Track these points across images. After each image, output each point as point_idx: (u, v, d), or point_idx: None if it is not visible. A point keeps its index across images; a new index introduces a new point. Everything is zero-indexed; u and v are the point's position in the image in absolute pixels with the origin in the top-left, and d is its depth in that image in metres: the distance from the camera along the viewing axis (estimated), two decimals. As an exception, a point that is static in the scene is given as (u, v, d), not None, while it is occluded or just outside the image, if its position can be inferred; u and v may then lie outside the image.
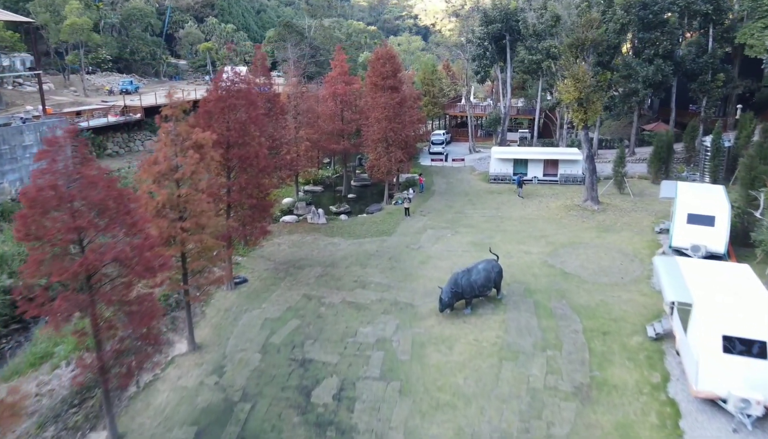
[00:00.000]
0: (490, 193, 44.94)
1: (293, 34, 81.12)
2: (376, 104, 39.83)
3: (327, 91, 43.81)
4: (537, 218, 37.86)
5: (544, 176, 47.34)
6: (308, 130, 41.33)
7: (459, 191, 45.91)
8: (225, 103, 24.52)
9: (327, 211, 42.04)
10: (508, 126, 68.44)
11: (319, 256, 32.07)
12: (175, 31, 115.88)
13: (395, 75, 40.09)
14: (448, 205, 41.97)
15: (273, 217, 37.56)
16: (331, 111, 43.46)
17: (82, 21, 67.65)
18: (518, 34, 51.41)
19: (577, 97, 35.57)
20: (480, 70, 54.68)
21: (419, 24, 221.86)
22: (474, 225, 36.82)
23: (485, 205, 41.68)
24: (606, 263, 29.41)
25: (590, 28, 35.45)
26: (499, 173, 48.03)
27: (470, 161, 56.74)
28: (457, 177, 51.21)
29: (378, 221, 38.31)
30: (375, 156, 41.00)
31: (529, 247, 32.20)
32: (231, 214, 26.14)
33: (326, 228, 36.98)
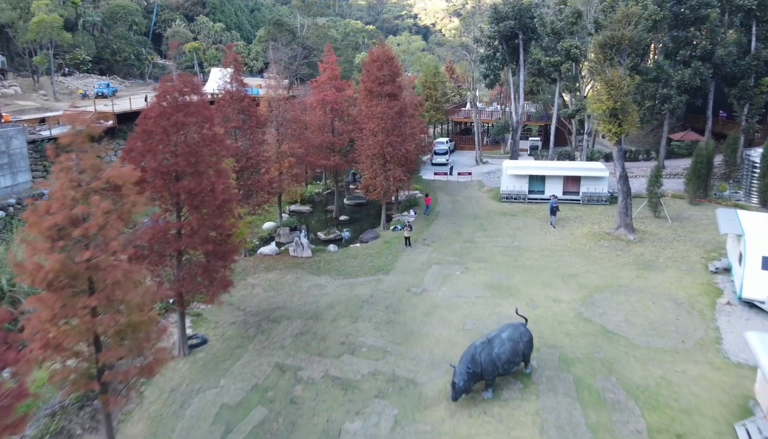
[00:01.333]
0: (503, 216, 39.03)
1: (284, 33, 75.22)
2: (372, 114, 33.95)
3: (315, 97, 37.92)
4: (561, 250, 31.97)
5: (563, 195, 41.43)
6: (293, 143, 35.47)
7: (467, 213, 39.99)
8: (169, 120, 18.63)
9: (314, 239, 36.13)
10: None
11: (300, 303, 26.16)
12: (164, 30, 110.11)
13: (394, 80, 34.21)
14: (455, 231, 36.06)
15: (248, 249, 31.73)
16: (319, 121, 37.60)
17: (52, 18, 61.78)
18: (533, 32, 45.55)
19: (611, 107, 29.68)
20: (489, 72, 48.80)
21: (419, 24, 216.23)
22: (487, 258, 30.93)
23: (499, 231, 35.77)
24: (656, 316, 23.55)
25: (627, 24, 29.54)
26: (512, 191, 42.13)
27: (478, 174, 50.86)
28: (463, 194, 45.30)
29: (373, 252, 32.39)
30: (370, 174, 35.12)
31: (557, 291, 26.32)
32: (183, 263, 20.27)
33: (311, 263, 31.06)
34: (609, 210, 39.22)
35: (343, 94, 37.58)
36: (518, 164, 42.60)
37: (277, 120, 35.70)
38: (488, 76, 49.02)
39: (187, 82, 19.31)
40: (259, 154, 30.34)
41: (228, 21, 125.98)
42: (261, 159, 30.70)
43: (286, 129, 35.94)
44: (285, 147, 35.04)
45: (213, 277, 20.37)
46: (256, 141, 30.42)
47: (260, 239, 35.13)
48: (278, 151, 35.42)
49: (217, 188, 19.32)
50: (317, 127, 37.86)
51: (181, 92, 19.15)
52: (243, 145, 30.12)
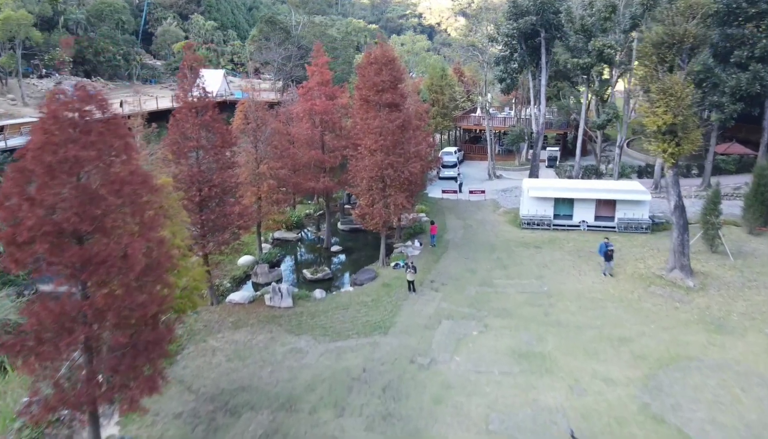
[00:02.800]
0: (525, 247, 32.75)
1: (277, 31, 69.10)
2: (368, 129, 27.76)
3: (302, 107, 31.72)
4: (603, 298, 25.72)
5: (595, 220, 35.16)
6: (274, 163, 29.30)
7: (482, 243, 33.72)
8: (56, 154, 12.51)
9: (298, 280, 29.94)
10: (529, 142, 56.51)
11: (270, 381, 19.99)
12: (156, 29, 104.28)
13: (395, 86, 28.01)
14: (468, 268, 29.82)
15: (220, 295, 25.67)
16: (306, 135, 31.41)
17: (19, 15, 55.81)
18: (557, 29, 39.29)
19: (668, 123, 23.41)
20: (505, 75, 42.52)
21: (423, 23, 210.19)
22: (511, 310, 24.73)
23: (522, 268, 29.52)
24: (752, 412, 17.34)
25: (691, 17, 23.27)
26: (534, 216, 35.84)
27: (492, 192, 44.55)
28: (476, 217, 39.02)
29: (369, 300, 26.17)
30: (367, 201, 28.91)
31: (607, 366, 20.11)
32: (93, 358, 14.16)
33: (291, 316, 24.87)
34: (652, 241, 32.91)
35: (336, 103, 31.41)
36: (542, 185, 36.29)
37: (254, 134, 29.55)
38: (504, 79, 42.74)
39: (86, 95, 13.15)
40: (226, 181, 24.20)
41: (224, 19, 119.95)
42: (229, 186, 24.58)
43: (266, 145, 29.79)
44: (264, 167, 28.90)
45: (131, 376, 14.21)
46: (223, 164, 24.29)
47: (233, 280, 28.98)
48: (255, 172, 29.27)
49: (133, 253, 13.15)
50: (304, 142, 31.70)
51: (77, 112, 13.01)
52: (206, 169, 24.02)
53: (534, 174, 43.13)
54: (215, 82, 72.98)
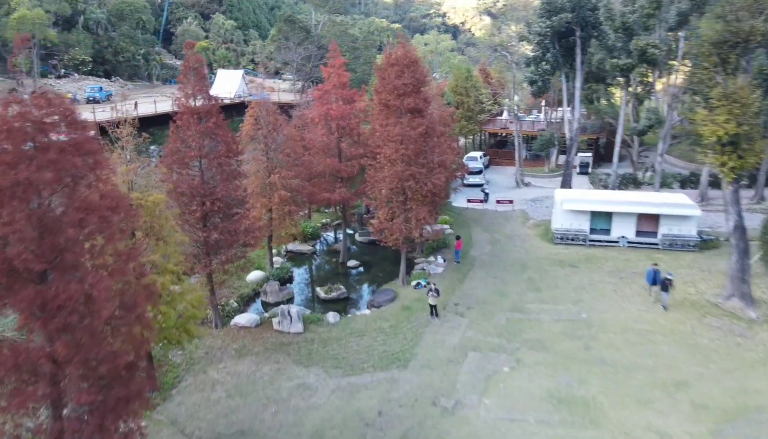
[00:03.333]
0: (560, 266, 29.90)
1: (297, 30, 67.03)
2: (387, 136, 25.26)
3: (317, 111, 29.34)
4: (651, 330, 22.82)
5: (636, 236, 32.14)
6: (287, 172, 26.98)
7: (512, 260, 30.96)
8: (7, 177, 10.27)
9: (309, 300, 27.57)
10: (560, 147, 53.41)
11: (273, 424, 17.64)
12: (177, 29, 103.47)
13: (418, 90, 25.46)
14: (497, 289, 27.13)
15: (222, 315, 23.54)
16: (322, 142, 29.02)
17: (35, 14, 54.67)
18: (593, 28, 36.28)
19: (731, 133, 20.45)
20: (537, 77, 39.62)
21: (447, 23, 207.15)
22: (546, 343, 22.01)
23: (557, 292, 26.72)
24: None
25: (758, 13, 20.28)
26: (568, 230, 32.93)
27: (520, 201, 41.65)
28: (505, 230, 36.21)
29: (387, 326, 23.66)
30: (385, 215, 26.42)
31: (664, 418, 17.32)
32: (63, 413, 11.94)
33: (301, 343, 22.48)
34: (701, 260, 29.80)
35: (353, 108, 28.97)
36: (577, 196, 33.32)
37: (265, 141, 27.28)
38: (535, 81, 39.84)
39: (46, 103, 10.89)
40: (231, 193, 21.93)
41: (246, 19, 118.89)
42: (234, 199, 22.33)
43: (278, 153, 27.49)
44: (275, 177, 26.59)
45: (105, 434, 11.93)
46: (228, 175, 22.03)
47: (240, 299, 26.71)
48: (266, 182, 26.99)
49: (99, 295, 10.87)
50: (319, 149, 29.33)
51: (35, 124, 10.76)
52: (209, 181, 21.81)
53: (566, 183, 40.16)
54: (234, 82, 71.34)
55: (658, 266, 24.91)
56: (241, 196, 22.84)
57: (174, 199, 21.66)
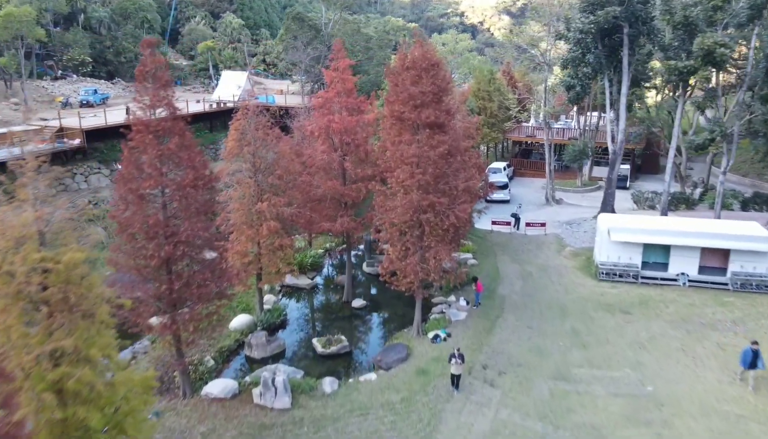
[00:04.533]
0: (608, 311, 24.65)
1: (305, 29, 62.25)
2: (401, 158, 20.26)
3: (316, 123, 24.37)
4: (741, 414, 17.53)
5: (700, 274, 26.77)
6: (278, 198, 22.09)
7: (548, 302, 25.77)
8: None
9: (304, 356, 22.59)
10: (594, 158, 48.03)
11: None
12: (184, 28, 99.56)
13: (439, 100, 20.42)
14: (534, 346, 21.98)
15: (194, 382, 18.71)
16: (322, 160, 24.08)
17: (22, 11, 50.58)
18: (644, 23, 30.88)
19: None
20: (575, 81, 34.30)
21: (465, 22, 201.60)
22: (604, 431, 16.86)
23: (609, 350, 21.51)
24: None
25: None
26: (616, 265, 27.66)
27: (553, 224, 36.35)
28: (537, 261, 30.98)
29: (397, 400, 18.64)
30: (397, 253, 21.41)
31: None
32: None
33: (287, 426, 17.54)
34: (784, 308, 24.36)
35: (360, 120, 24.01)
36: (626, 224, 27.93)
37: (252, 161, 22.42)
38: (573, 86, 34.51)
39: None
40: (200, 233, 17.12)
41: (257, 18, 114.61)
42: (205, 241, 17.53)
43: (268, 174, 22.62)
44: (263, 205, 21.71)
45: None
46: (196, 210, 17.22)
47: (219, 354, 21.88)
48: (253, 210, 22.14)
49: None
50: (319, 169, 24.40)
51: None
52: (173, 217, 17.04)
53: (608, 204, 34.76)
54: (238, 84, 66.84)
55: (758, 345, 18.90)
56: (212, 236, 17.98)
57: (125, 241, 16.95)
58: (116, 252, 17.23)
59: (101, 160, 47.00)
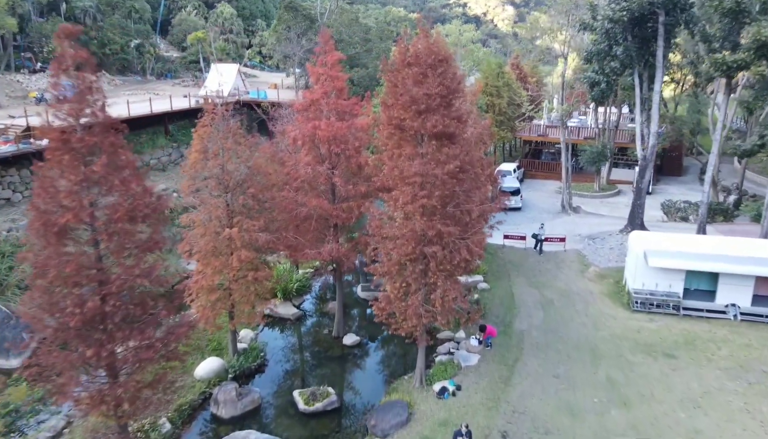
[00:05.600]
0: (649, 353, 20.63)
1: (299, 19, 57.98)
2: (401, 176, 16.20)
3: (299, 130, 20.23)
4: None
5: (753, 305, 22.73)
6: (251, 222, 18.06)
7: (575, 341, 21.73)
8: None
9: (286, 408, 18.59)
10: (613, 159, 43.96)
11: None
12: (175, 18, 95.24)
13: (449, 104, 16.29)
14: (564, 404, 18.00)
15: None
16: (307, 174, 19.97)
17: (-11, 0, 46.43)
18: (683, 11, 26.68)
19: None
20: (601, 77, 30.11)
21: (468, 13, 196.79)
22: None
23: (656, 409, 17.52)
24: None
25: None
26: (653, 293, 23.65)
27: (572, 237, 32.27)
28: (557, 284, 26.93)
29: (397, 488, 14.70)
30: (396, 291, 17.38)
31: None
32: None
33: None
34: None
35: (352, 125, 19.92)
36: (665, 246, 23.79)
37: (219, 178, 18.37)
38: (598, 83, 30.32)
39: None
40: (137, 281, 13.11)
41: (252, 8, 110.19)
42: (147, 293, 13.54)
43: (239, 195, 18.57)
44: (233, 231, 17.71)
45: None
46: (134, 251, 13.22)
47: (179, 413, 17.90)
48: (220, 237, 18.12)
49: None
50: (303, 183, 20.33)
51: None
52: (103, 259, 13.07)
53: (637, 217, 30.66)
54: (228, 77, 62.58)
55: None
56: (160, 280, 13.95)
57: (39, 293, 12.96)
58: (30, 305, 13.26)
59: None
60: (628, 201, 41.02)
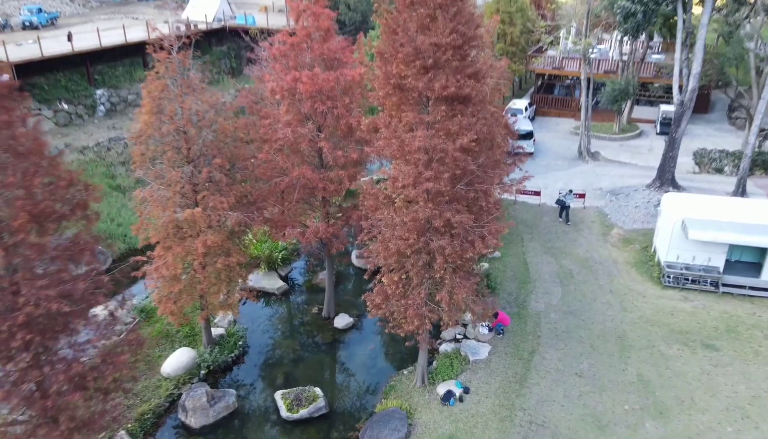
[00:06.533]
0: (685, 344, 17.93)
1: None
2: (400, 150, 12.72)
3: (279, 81, 16.41)
4: None
5: (803, 285, 19.84)
6: (220, 197, 14.78)
7: (600, 328, 18.95)
8: None
9: (266, 407, 16.04)
10: (636, 95, 39.84)
11: None
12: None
13: (464, 57, 12.51)
14: (589, 411, 15.46)
15: None
16: (287, 136, 16.36)
17: None
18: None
19: None
20: (637, 6, 25.63)
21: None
22: None
23: (695, 418, 15.00)
24: None
25: None
26: (689, 267, 20.69)
27: (592, 190, 28.99)
28: (577, 251, 23.89)
29: None
30: (394, 288, 14.33)
31: None
32: None
33: None
34: None
35: (342, 76, 16.10)
36: (709, 216, 20.47)
37: (177, 146, 14.87)
38: (634, 14, 25.86)
39: None
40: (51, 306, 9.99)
41: None
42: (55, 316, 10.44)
43: (202, 167, 15.13)
44: (196, 211, 14.46)
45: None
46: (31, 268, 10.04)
47: (140, 423, 15.36)
48: (180, 218, 14.88)
49: None
50: (286, 148, 16.82)
51: None
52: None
53: (668, 171, 27.16)
54: (212, 3, 56.85)
55: None
56: (90, 298, 10.85)
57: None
58: None
59: (41, 100, 38.88)
60: (650, 144, 37.46)
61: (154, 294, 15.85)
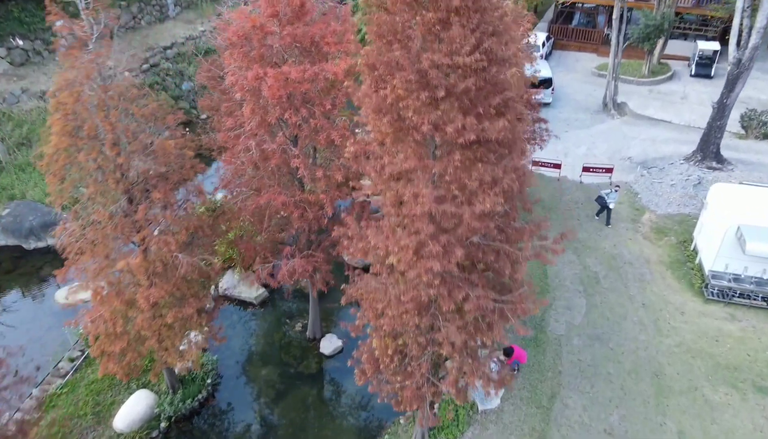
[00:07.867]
0: (734, 387, 15.15)
1: None
2: (396, 209, 9.14)
3: (236, 77, 12.35)
4: None
5: None
6: (167, 237, 11.36)
7: (631, 361, 16.09)
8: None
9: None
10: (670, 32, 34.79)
11: None
12: None
13: (494, 79, 8.54)
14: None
15: None
16: (248, 147, 12.55)
17: None
18: None
19: None
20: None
21: None
22: None
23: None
24: None
25: None
26: (739, 278, 17.55)
27: (619, 160, 25.20)
28: (602, 246, 20.58)
29: None
30: (388, 361, 11.25)
31: None
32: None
33: None
34: None
35: (322, 72, 12.01)
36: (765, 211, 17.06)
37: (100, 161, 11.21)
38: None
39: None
40: None
41: None
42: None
43: (140, 200, 11.53)
44: (133, 263, 11.05)
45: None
46: None
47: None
48: (116, 269, 11.49)
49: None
50: (253, 164, 13.10)
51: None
52: None
53: (713, 143, 23.15)
54: None
55: None
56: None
57: None
58: None
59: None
60: (684, 90, 33.00)
61: (91, 349, 12.80)
